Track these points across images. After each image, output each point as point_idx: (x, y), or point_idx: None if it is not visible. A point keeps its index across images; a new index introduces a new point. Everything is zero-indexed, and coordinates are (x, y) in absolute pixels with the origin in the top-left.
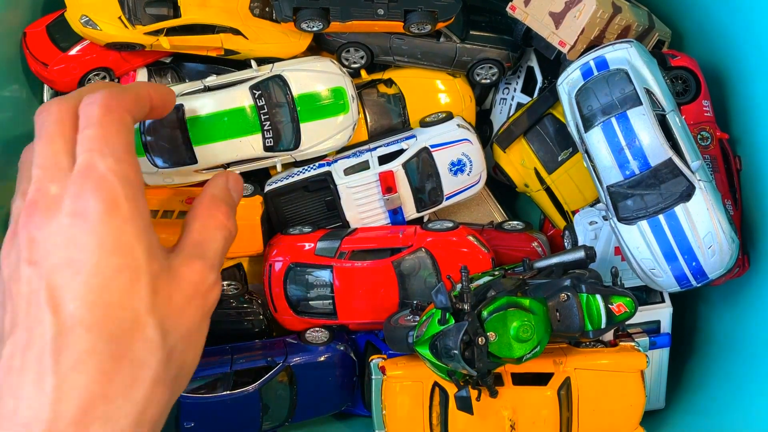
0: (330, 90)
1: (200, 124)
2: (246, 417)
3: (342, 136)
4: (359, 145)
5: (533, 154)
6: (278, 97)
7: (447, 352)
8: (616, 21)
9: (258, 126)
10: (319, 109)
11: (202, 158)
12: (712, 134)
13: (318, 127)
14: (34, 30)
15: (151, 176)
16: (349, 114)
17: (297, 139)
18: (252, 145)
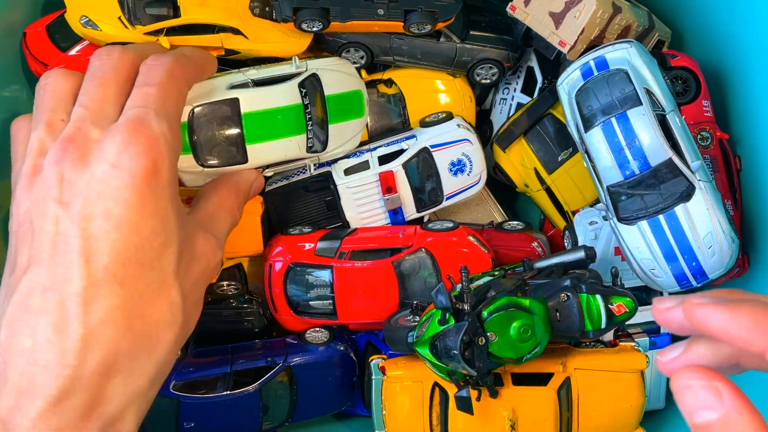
0: (351, 92)
1: (255, 121)
2: (246, 417)
3: (356, 139)
4: (359, 145)
5: (533, 154)
6: (315, 96)
7: (447, 353)
8: (616, 21)
9: (304, 126)
10: (342, 112)
11: (253, 158)
12: (712, 134)
13: (342, 129)
14: (34, 30)
15: (193, 175)
16: (363, 118)
17: (326, 141)
18: (299, 145)
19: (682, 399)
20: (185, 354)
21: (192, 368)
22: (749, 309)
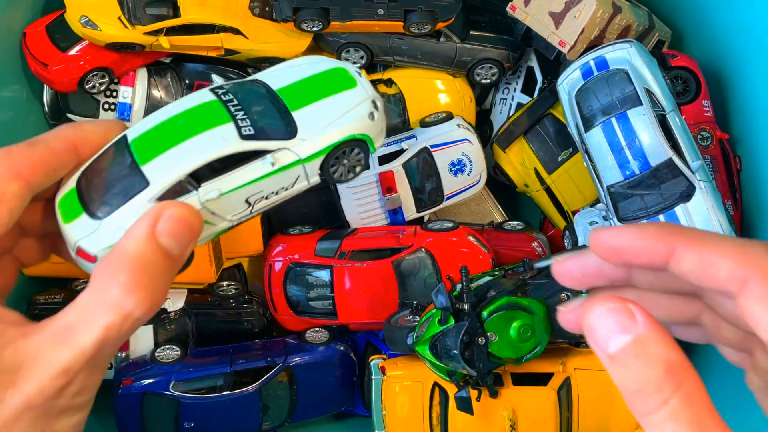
0: (325, 72)
1: (147, 140)
2: (246, 417)
3: (361, 109)
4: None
5: (533, 154)
6: (252, 92)
7: (447, 353)
8: (616, 21)
9: (227, 116)
10: (312, 94)
11: (156, 176)
12: (712, 134)
13: (320, 107)
14: (34, 30)
15: (91, 238)
16: (358, 87)
17: (291, 126)
18: (222, 136)
19: (594, 332)
20: (185, 354)
21: (192, 368)
22: (653, 224)
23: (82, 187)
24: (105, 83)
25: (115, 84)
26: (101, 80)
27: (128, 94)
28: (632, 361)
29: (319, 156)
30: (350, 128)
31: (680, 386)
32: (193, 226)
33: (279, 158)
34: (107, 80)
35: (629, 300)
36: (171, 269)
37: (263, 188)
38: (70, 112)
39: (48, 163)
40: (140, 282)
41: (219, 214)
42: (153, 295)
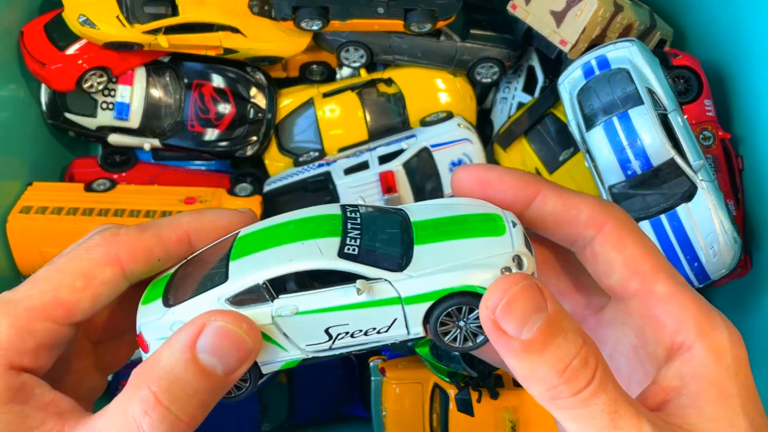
0: (475, 215)
1: (252, 238)
2: (245, 418)
3: (496, 261)
4: (359, 145)
5: (534, 153)
6: (382, 218)
7: (448, 354)
8: (618, 20)
9: (339, 231)
10: (450, 232)
11: (236, 273)
12: (714, 134)
13: (447, 248)
14: (32, 29)
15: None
16: (504, 237)
17: (406, 259)
18: (320, 248)
19: (508, 320)
20: None
21: None
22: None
23: (176, 274)
24: (103, 82)
25: (114, 83)
26: (99, 79)
27: (126, 94)
28: (551, 340)
29: (422, 300)
30: (473, 278)
31: (597, 352)
32: (244, 344)
33: (375, 290)
34: (105, 79)
35: (522, 274)
36: (212, 390)
37: (349, 321)
38: (69, 111)
39: (152, 252)
40: (162, 401)
41: (292, 338)
42: (177, 418)
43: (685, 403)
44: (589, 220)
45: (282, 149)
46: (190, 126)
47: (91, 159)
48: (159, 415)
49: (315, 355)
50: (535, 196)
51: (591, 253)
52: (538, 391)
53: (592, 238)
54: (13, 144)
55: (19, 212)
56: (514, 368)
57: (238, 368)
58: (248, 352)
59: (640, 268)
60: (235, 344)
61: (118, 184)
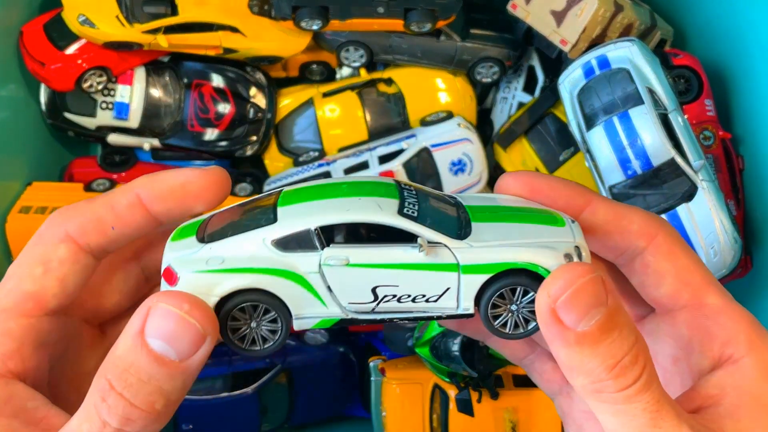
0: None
1: (301, 192)
2: (244, 418)
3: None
4: (359, 145)
5: (534, 153)
6: (436, 196)
7: (448, 354)
8: (618, 19)
9: (396, 195)
10: (507, 216)
11: (286, 216)
12: (715, 133)
13: (508, 227)
14: (32, 28)
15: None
16: (566, 228)
17: (465, 230)
18: (379, 205)
19: (568, 310)
20: None
21: None
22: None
23: (212, 218)
24: (103, 82)
25: (113, 83)
26: (99, 79)
27: (126, 93)
28: (607, 335)
29: (481, 272)
30: (536, 257)
31: (647, 350)
32: (192, 327)
33: (434, 252)
34: (105, 79)
35: (589, 266)
36: (170, 376)
37: (400, 282)
38: (68, 111)
39: (103, 221)
40: (115, 387)
41: (336, 292)
42: (130, 404)
43: (722, 413)
44: (640, 231)
45: (282, 149)
46: (190, 126)
47: (91, 159)
48: (113, 401)
49: (355, 317)
50: (585, 206)
51: (641, 263)
52: (581, 383)
53: (642, 248)
54: (13, 144)
55: (19, 212)
56: (561, 357)
57: (195, 353)
58: (200, 335)
59: (692, 280)
60: (183, 328)
61: (118, 184)
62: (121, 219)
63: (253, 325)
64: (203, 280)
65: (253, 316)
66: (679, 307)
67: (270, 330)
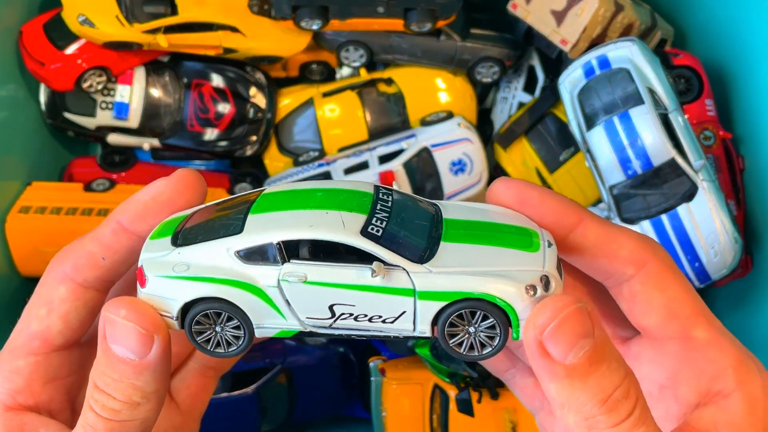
0: (511, 226)
1: (276, 197)
2: (244, 419)
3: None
4: (359, 145)
5: (534, 153)
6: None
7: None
8: (619, 19)
9: (367, 210)
10: (480, 237)
11: (252, 227)
12: (715, 133)
13: (474, 251)
14: (31, 28)
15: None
16: (536, 255)
17: (429, 253)
18: (344, 221)
19: (555, 343)
20: None
21: None
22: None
23: (192, 216)
24: (102, 82)
25: (113, 83)
26: (99, 79)
27: (126, 93)
28: (596, 368)
29: (436, 299)
30: (495, 287)
31: (637, 384)
32: (134, 330)
33: (390, 276)
34: (105, 79)
35: (574, 297)
36: (137, 373)
37: (356, 302)
38: (68, 111)
39: (93, 255)
40: (97, 385)
41: (294, 307)
42: (111, 398)
43: None
44: (630, 256)
45: (282, 149)
46: (190, 126)
47: (91, 159)
48: (99, 396)
49: (313, 330)
50: (576, 225)
51: (629, 291)
52: (574, 420)
53: (631, 275)
54: (13, 144)
55: (18, 212)
56: (551, 393)
57: (149, 350)
58: (144, 336)
59: (681, 311)
60: (126, 332)
61: (118, 184)
62: (108, 248)
63: (218, 330)
64: (168, 286)
65: (218, 322)
66: (666, 338)
67: (234, 335)
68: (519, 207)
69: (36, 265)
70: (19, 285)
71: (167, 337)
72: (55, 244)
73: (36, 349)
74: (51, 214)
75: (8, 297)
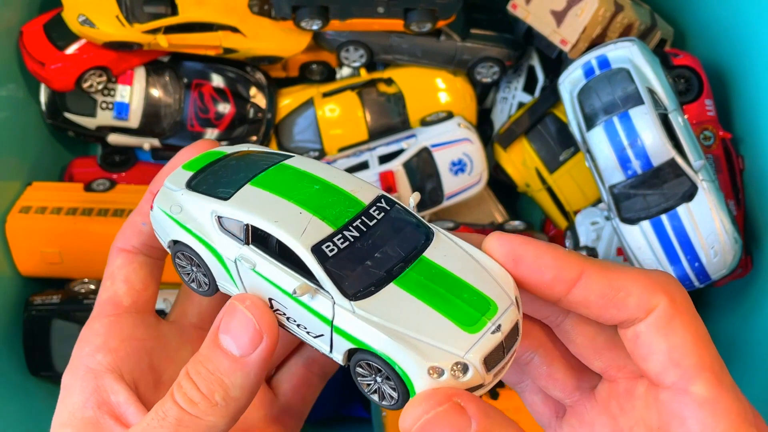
0: (479, 292)
1: (284, 173)
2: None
3: (437, 355)
4: (359, 145)
5: (534, 153)
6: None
7: None
8: (618, 19)
9: (343, 222)
10: (439, 295)
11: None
12: (715, 134)
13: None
14: (31, 28)
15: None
16: (471, 337)
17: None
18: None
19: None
20: None
21: None
22: (555, 246)
23: (223, 160)
24: (103, 82)
25: (113, 83)
26: (99, 79)
27: (126, 93)
28: None
29: (348, 339)
30: (400, 355)
31: None
32: (250, 322)
33: (318, 297)
34: (105, 79)
35: (456, 391)
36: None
37: (288, 306)
38: (68, 111)
39: (134, 223)
40: (189, 375)
41: (245, 285)
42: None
43: None
44: (639, 303)
45: (282, 149)
46: (190, 126)
47: (91, 159)
48: (185, 383)
49: None
50: (577, 278)
51: (633, 332)
52: None
53: (640, 320)
54: (13, 144)
55: (19, 212)
56: None
57: (254, 350)
58: (256, 332)
59: (683, 361)
60: (242, 322)
61: (118, 184)
62: (146, 215)
63: (194, 269)
64: (163, 219)
65: (192, 264)
66: (664, 386)
67: (203, 281)
68: (513, 266)
69: (36, 265)
70: (19, 285)
71: (274, 343)
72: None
73: (109, 311)
74: (51, 214)
75: (8, 297)
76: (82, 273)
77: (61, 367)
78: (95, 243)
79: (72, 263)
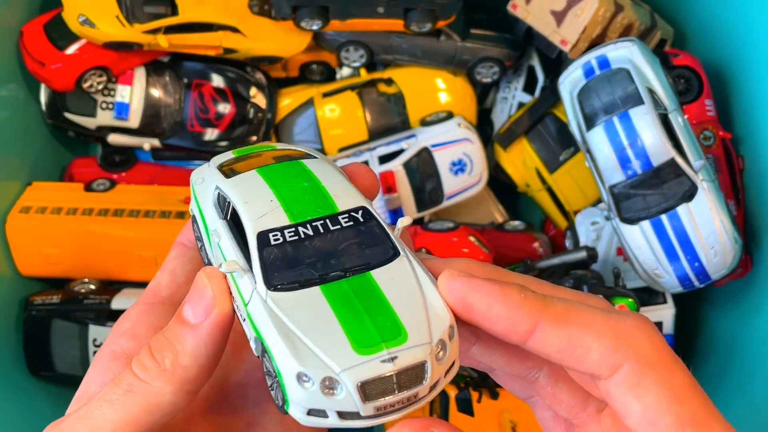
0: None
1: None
2: None
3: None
4: (359, 145)
5: (534, 153)
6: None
7: None
8: (618, 19)
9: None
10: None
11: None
12: (715, 134)
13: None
14: (32, 28)
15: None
16: (357, 357)
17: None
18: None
19: None
20: None
21: None
22: (514, 288)
23: (251, 153)
24: (103, 82)
25: (113, 83)
26: (99, 79)
27: (126, 93)
28: None
29: (252, 326)
30: (280, 349)
31: None
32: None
33: (243, 278)
34: (105, 79)
35: (434, 420)
36: (182, 335)
37: (231, 284)
38: (68, 111)
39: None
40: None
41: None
42: (150, 355)
43: None
44: (600, 361)
45: None
46: (190, 126)
47: (91, 159)
48: (143, 350)
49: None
50: (531, 332)
51: (604, 389)
52: None
53: (602, 378)
54: (13, 144)
55: (19, 212)
56: None
57: (206, 317)
58: (209, 299)
59: (660, 421)
60: (198, 289)
61: (118, 184)
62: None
63: (199, 242)
64: (192, 189)
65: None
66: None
67: (204, 253)
68: (465, 313)
69: (36, 265)
70: (19, 285)
71: (226, 313)
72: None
73: (147, 299)
74: (51, 214)
75: (8, 297)
76: (82, 273)
77: (61, 367)
78: (95, 243)
79: (72, 263)
